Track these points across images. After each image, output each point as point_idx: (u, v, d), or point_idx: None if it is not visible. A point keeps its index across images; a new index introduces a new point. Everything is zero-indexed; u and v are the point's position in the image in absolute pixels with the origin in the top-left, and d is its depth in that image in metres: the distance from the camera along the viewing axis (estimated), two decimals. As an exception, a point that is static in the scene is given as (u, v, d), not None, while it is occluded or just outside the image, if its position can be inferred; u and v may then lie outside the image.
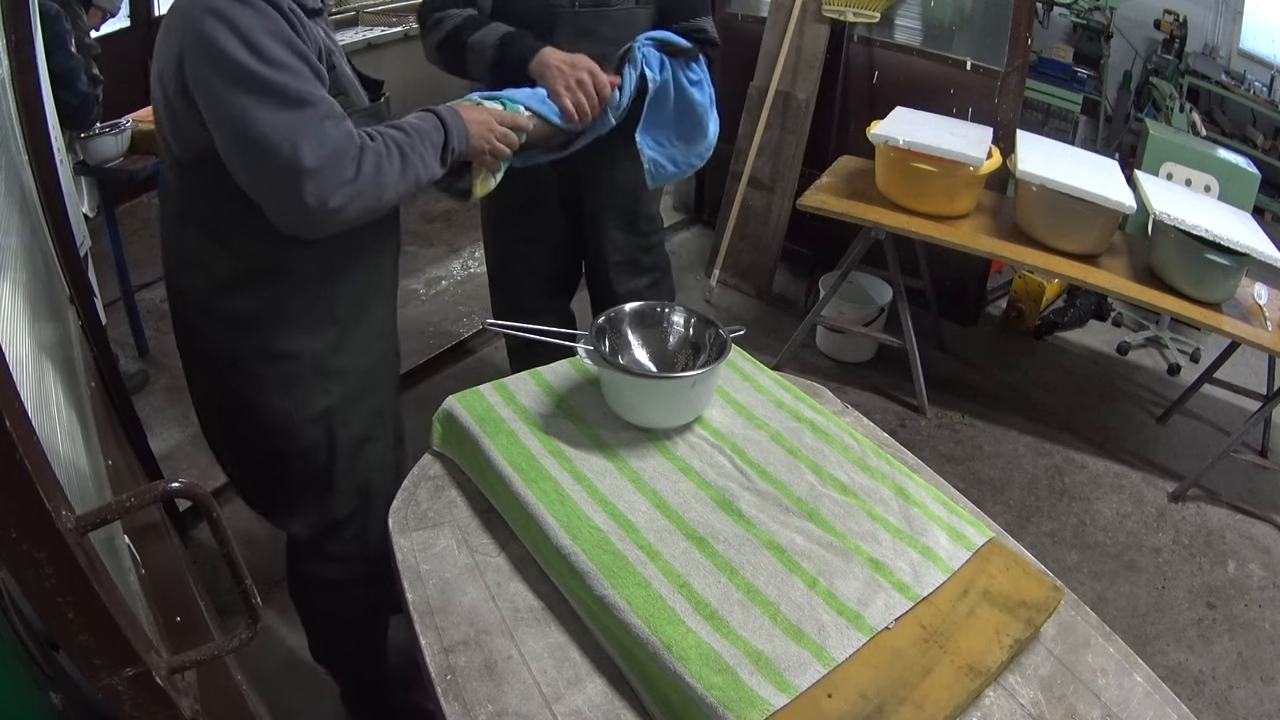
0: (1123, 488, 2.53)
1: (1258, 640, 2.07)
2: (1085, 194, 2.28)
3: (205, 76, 1.02)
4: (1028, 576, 1.05)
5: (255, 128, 1.01)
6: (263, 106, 1.01)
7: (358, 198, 1.08)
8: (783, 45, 3.06)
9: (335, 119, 1.07)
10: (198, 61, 1.02)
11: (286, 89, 1.02)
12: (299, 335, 1.25)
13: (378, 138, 1.13)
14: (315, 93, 1.05)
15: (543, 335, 1.31)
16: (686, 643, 0.91)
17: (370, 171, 1.09)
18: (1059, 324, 3.29)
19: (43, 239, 1.31)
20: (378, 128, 1.15)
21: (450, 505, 1.20)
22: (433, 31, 1.70)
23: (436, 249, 3.64)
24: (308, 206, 1.04)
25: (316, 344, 1.26)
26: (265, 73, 1.01)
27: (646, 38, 1.58)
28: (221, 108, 1.03)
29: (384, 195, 1.13)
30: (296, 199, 1.04)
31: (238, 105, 1.01)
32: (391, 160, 1.13)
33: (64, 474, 0.74)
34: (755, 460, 1.19)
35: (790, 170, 3.17)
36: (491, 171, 1.36)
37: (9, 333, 0.81)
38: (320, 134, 1.04)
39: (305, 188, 1.03)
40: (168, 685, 0.61)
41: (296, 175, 1.02)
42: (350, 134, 1.08)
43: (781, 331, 3.03)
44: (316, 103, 1.05)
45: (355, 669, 1.64)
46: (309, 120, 1.03)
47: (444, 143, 1.22)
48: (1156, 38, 4.55)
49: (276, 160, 1.02)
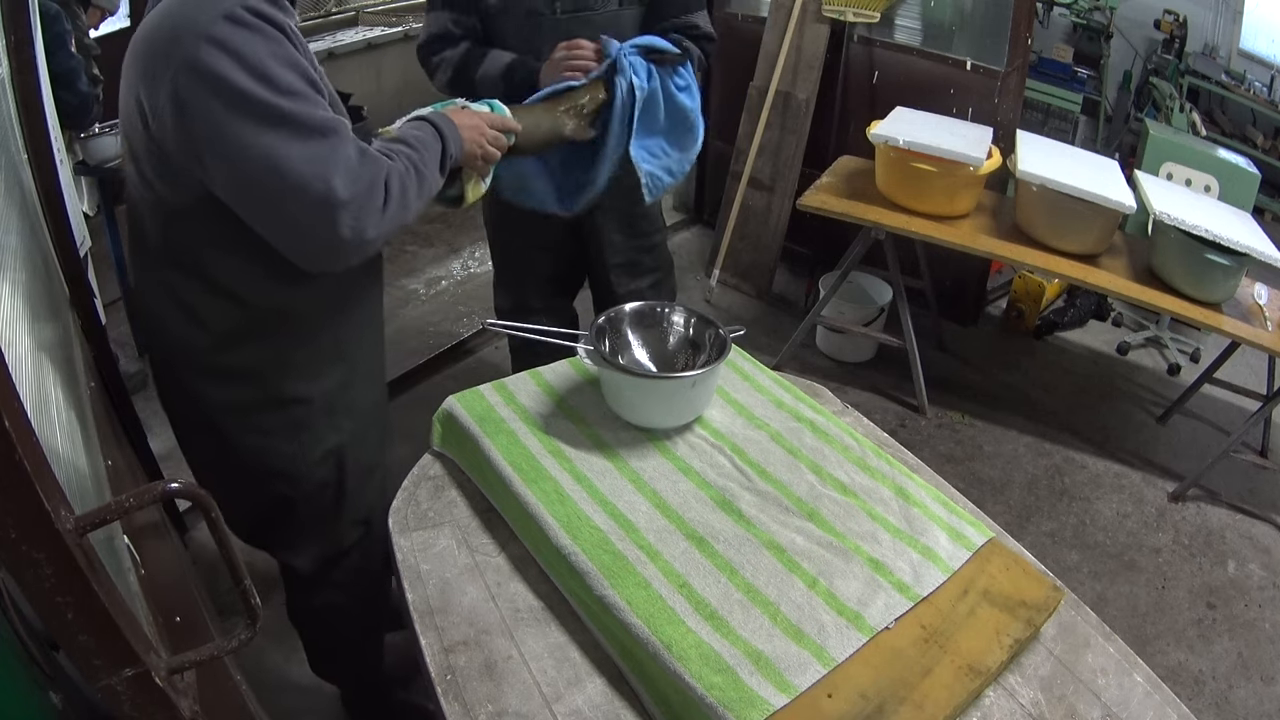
0: (1123, 488, 2.53)
1: (1258, 640, 2.07)
2: (1085, 194, 2.28)
3: (211, 114, 0.93)
4: (1028, 576, 1.05)
5: (281, 164, 0.94)
6: (286, 141, 0.94)
7: (390, 222, 1.04)
8: (783, 45, 3.06)
9: (356, 144, 1.01)
10: (200, 97, 0.93)
11: (310, 119, 0.95)
12: (308, 379, 1.21)
13: (396, 157, 1.08)
14: (333, 118, 0.99)
15: (543, 335, 1.31)
16: (686, 643, 0.91)
17: (398, 194, 1.05)
18: (1059, 324, 3.29)
19: (43, 239, 1.31)
20: (390, 145, 1.11)
21: (450, 505, 1.20)
22: (438, 74, 1.73)
23: (436, 249, 3.64)
24: (343, 240, 0.98)
25: (326, 384, 1.23)
26: (283, 104, 0.94)
27: (631, 45, 1.57)
28: (234, 147, 0.94)
29: (409, 216, 1.08)
30: (330, 234, 0.98)
31: (258, 142, 0.93)
32: (410, 179, 1.08)
33: (64, 474, 0.74)
34: (755, 460, 1.19)
35: (790, 170, 3.17)
36: (481, 175, 1.35)
37: (9, 333, 0.81)
38: (348, 163, 0.98)
39: (341, 221, 0.97)
40: (167, 686, 0.61)
41: (331, 209, 0.96)
42: (375, 158, 1.03)
43: (781, 331, 3.03)
44: (338, 128, 0.99)
45: (355, 676, 1.64)
46: (335, 149, 0.97)
47: (442, 151, 1.18)
48: (1156, 38, 4.55)
49: (307, 196, 0.95)
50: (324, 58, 3.60)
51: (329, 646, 1.57)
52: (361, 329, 1.28)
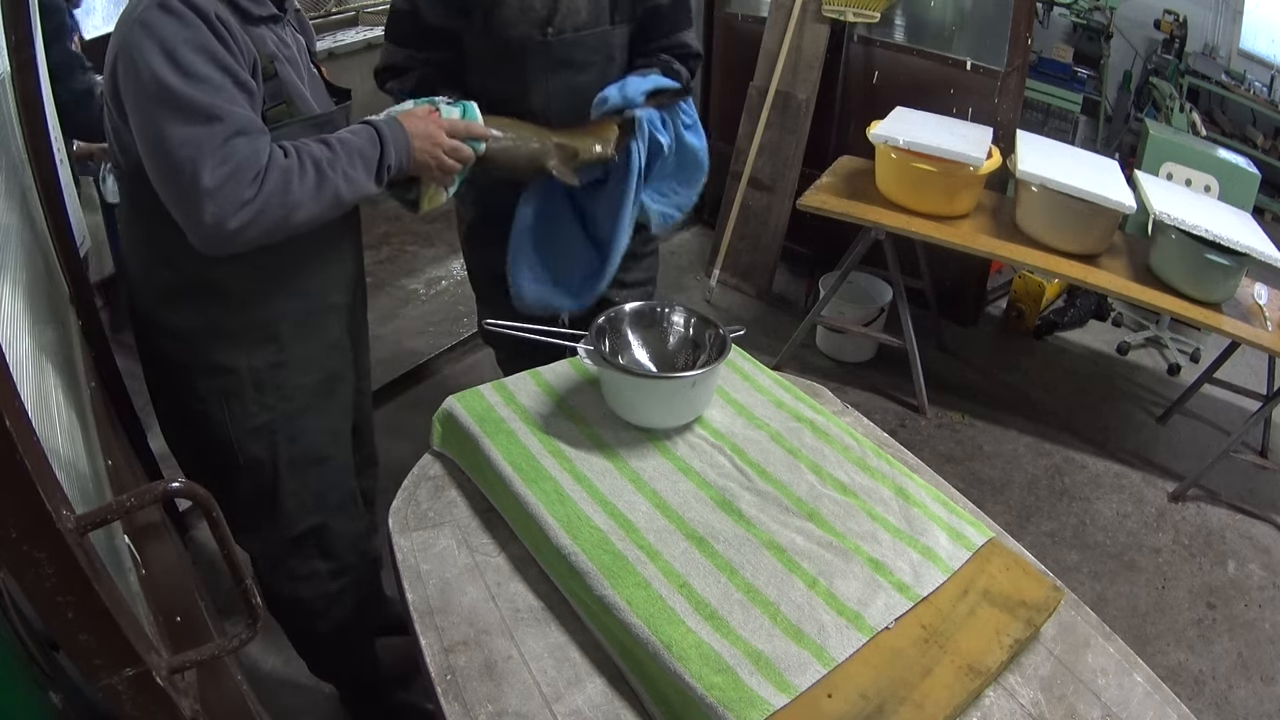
0: (1123, 488, 2.53)
1: (1258, 640, 2.06)
2: (1085, 194, 2.28)
3: (129, 88, 1.02)
4: (1028, 576, 1.05)
5: (163, 143, 1.00)
6: (172, 122, 0.99)
7: (260, 217, 1.05)
8: (783, 45, 3.06)
9: (248, 134, 1.04)
10: (125, 73, 1.02)
11: (196, 104, 1.00)
12: (234, 350, 1.23)
13: (292, 154, 1.09)
14: (228, 107, 1.02)
15: (543, 335, 1.31)
16: (686, 643, 0.91)
17: (275, 190, 1.05)
18: (1059, 324, 3.29)
19: (43, 239, 1.31)
20: (298, 142, 1.11)
21: (450, 505, 1.20)
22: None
23: (437, 249, 3.64)
24: (206, 226, 1.02)
25: (254, 360, 1.25)
26: (178, 87, 0.99)
27: (640, 94, 1.52)
28: (138, 121, 1.02)
29: (294, 215, 1.08)
30: (197, 218, 1.02)
31: (151, 119, 1.00)
32: (304, 177, 1.08)
33: (64, 474, 0.74)
34: (755, 460, 1.19)
35: (790, 170, 3.17)
36: (443, 185, 1.31)
37: (9, 333, 0.81)
38: (225, 151, 1.01)
39: (205, 207, 1.01)
40: (168, 685, 0.61)
41: (197, 194, 1.00)
42: (257, 151, 1.04)
43: (781, 331, 3.03)
44: (226, 117, 1.02)
45: (349, 677, 1.64)
46: (214, 136, 1.00)
47: (379, 158, 1.17)
48: (1156, 38, 4.54)
49: (180, 178, 1.01)
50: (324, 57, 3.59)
51: (309, 643, 1.57)
52: (307, 311, 1.28)
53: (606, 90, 1.53)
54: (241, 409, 1.26)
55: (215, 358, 1.23)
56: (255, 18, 1.11)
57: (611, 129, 1.52)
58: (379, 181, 1.18)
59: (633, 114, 1.52)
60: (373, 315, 1.44)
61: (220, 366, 1.23)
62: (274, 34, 1.16)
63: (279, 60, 1.14)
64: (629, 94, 1.52)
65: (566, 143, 1.47)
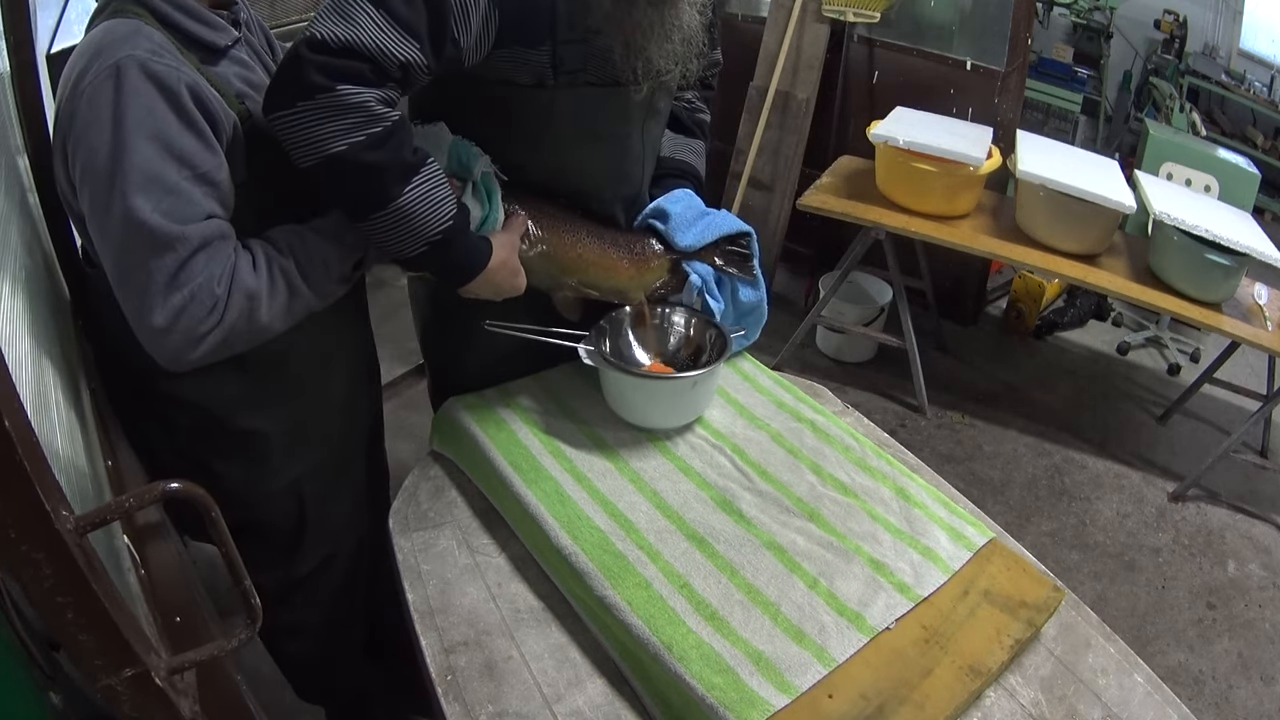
0: (1123, 488, 2.53)
1: (1258, 640, 2.07)
2: (1085, 194, 2.28)
3: (79, 175, 0.90)
4: (1028, 577, 1.05)
5: (110, 259, 0.91)
6: (123, 239, 0.88)
7: (224, 347, 0.95)
8: (783, 45, 3.06)
9: (208, 247, 0.91)
10: (76, 151, 0.89)
11: (151, 230, 0.87)
12: (257, 416, 1.16)
13: (261, 268, 0.97)
14: (184, 231, 0.89)
15: (542, 335, 1.30)
16: (687, 643, 0.91)
17: (238, 319, 0.95)
18: (1059, 324, 3.29)
19: (43, 239, 1.31)
20: (270, 241, 1.00)
21: (450, 505, 1.19)
22: None
23: (436, 249, 3.64)
24: (165, 358, 0.94)
25: (280, 425, 1.18)
26: (136, 206, 0.86)
27: (699, 242, 1.32)
28: (90, 217, 0.90)
29: (264, 335, 0.99)
30: (154, 349, 0.93)
31: (99, 226, 0.89)
32: (274, 299, 0.98)
33: (64, 474, 0.74)
34: (756, 461, 1.19)
35: (790, 170, 3.16)
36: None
37: (9, 333, 0.81)
38: (182, 277, 0.89)
39: (159, 343, 0.92)
40: (167, 686, 0.61)
41: (148, 332, 0.91)
42: (214, 277, 0.92)
43: (781, 331, 3.03)
44: (185, 237, 0.89)
45: (337, 704, 1.62)
46: (165, 269, 0.89)
47: (359, 261, 1.09)
48: (1156, 38, 4.55)
49: (129, 304, 0.91)
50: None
51: (298, 669, 1.52)
52: (315, 372, 1.21)
53: (660, 204, 1.34)
54: (273, 468, 1.20)
55: (240, 423, 1.14)
56: (220, 49, 1.00)
57: (651, 272, 1.30)
58: (347, 282, 1.10)
59: (684, 269, 1.32)
60: (373, 315, 1.43)
61: (247, 430, 1.15)
62: (237, 63, 1.04)
63: (247, 98, 1.02)
64: (683, 240, 1.32)
65: (589, 274, 1.25)
